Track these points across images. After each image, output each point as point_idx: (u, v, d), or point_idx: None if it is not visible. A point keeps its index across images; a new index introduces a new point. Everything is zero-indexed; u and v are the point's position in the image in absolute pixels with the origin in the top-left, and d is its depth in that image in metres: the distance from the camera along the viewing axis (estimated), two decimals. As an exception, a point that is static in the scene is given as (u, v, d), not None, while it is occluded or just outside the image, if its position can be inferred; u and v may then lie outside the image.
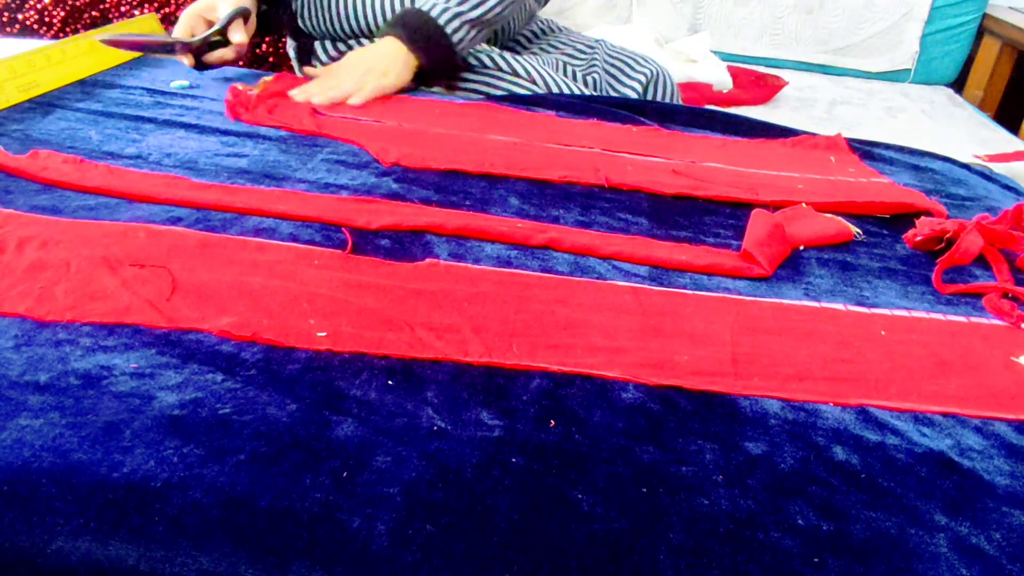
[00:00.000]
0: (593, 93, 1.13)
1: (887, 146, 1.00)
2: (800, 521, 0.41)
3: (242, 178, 0.72)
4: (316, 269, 0.58)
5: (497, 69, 1.06)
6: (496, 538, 0.38)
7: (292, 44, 1.25)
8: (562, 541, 0.39)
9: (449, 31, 0.97)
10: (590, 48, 1.21)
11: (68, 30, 1.44)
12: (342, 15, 1.11)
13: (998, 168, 1.03)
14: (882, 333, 0.58)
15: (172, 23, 1.47)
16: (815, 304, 0.61)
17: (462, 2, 0.98)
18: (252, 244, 0.61)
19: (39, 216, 0.61)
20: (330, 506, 0.39)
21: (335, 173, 0.75)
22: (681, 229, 0.72)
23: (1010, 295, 0.65)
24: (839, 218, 0.75)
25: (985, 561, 0.40)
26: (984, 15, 1.96)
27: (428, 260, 0.61)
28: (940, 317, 0.62)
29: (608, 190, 0.78)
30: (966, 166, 0.97)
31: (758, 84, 1.81)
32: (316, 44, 1.18)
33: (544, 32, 1.25)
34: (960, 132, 1.70)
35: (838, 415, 0.50)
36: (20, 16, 1.40)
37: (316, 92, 0.92)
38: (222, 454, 0.41)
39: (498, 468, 0.42)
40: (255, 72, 1.05)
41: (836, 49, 2.01)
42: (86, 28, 1.45)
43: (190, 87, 0.94)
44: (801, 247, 0.71)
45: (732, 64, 1.88)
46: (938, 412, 0.51)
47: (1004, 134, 1.71)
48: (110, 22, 1.46)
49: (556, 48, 1.21)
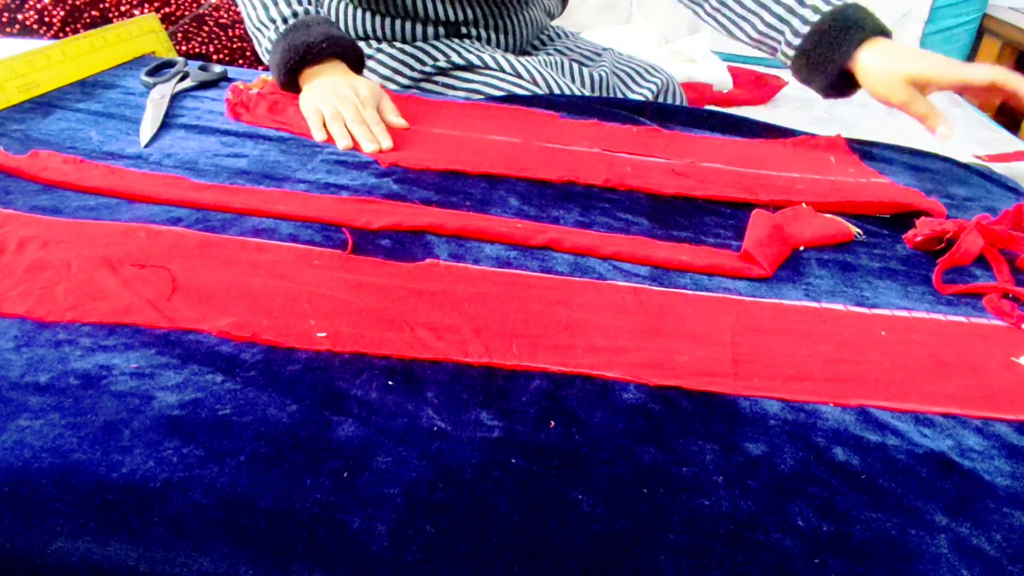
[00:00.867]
0: (598, 92, 1.13)
1: (887, 146, 1.00)
2: (800, 522, 0.41)
3: (242, 178, 0.72)
4: (316, 269, 0.58)
5: (499, 70, 1.06)
6: (496, 538, 0.38)
7: None
8: (562, 541, 0.38)
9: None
10: (598, 55, 1.21)
11: (68, 30, 1.44)
12: (349, 24, 1.11)
13: (998, 168, 1.03)
14: (882, 333, 0.58)
15: (172, 23, 1.47)
16: (815, 304, 0.61)
17: None
18: (252, 244, 0.61)
19: (39, 216, 0.61)
20: (330, 506, 0.39)
21: (335, 173, 0.75)
22: (681, 229, 0.72)
23: (1010, 295, 0.65)
24: (839, 218, 0.75)
25: (986, 562, 0.40)
26: (984, 15, 1.96)
27: (428, 260, 0.61)
28: (940, 317, 0.62)
29: (608, 190, 0.78)
30: (966, 166, 0.97)
31: (758, 84, 1.81)
32: None
33: (551, 38, 1.25)
34: (960, 132, 1.70)
35: (838, 416, 0.50)
36: (20, 16, 1.40)
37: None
38: (222, 455, 0.41)
39: (498, 468, 0.42)
40: (255, 72, 1.05)
41: (836, 49, 2.01)
42: (86, 28, 1.45)
43: (189, 87, 0.94)
44: (801, 247, 0.71)
45: (732, 64, 1.88)
46: (938, 413, 0.51)
47: (1004, 134, 1.71)
48: (110, 22, 1.46)
49: (564, 54, 1.21)
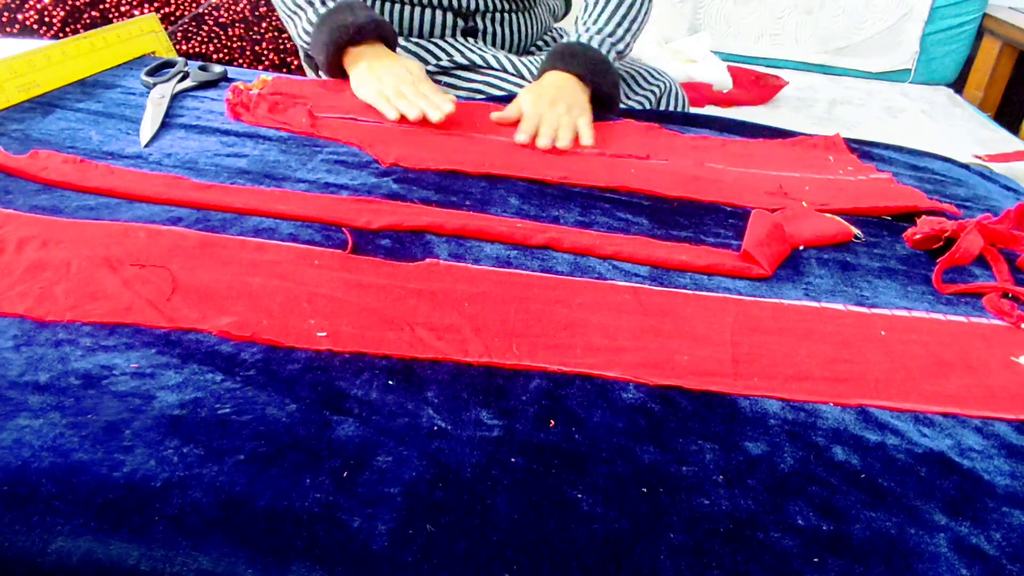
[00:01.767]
0: None
1: (887, 146, 1.00)
2: (800, 521, 0.41)
3: (242, 178, 0.72)
4: (316, 269, 0.58)
5: (500, 70, 1.06)
6: (496, 538, 0.38)
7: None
8: (562, 541, 0.39)
9: (611, 60, 0.99)
10: None
11: (68, 30, 1.44)
12: None
13: (998, 168, 1.03)
14: (882, 333, 0.58)
15: (172, 23, 1.47)
16: (815, 304, 0.61)
17: (612, 33, 1.00)
18: (252, 244, 0.61)
19: (39, 216, 0.61)
20: (330, 506, 0.39)
21: (335, 173, 0.75)
22: (681, 229, 0.72)
23: (1010, 295, 0.65)
24: (839, 218, 0.75)
25: (985, 561, 0.40)
26: (984, 15, 1.96)
27: (428, 260, 0.61)
28: (940, 317, 0.62)
29: (608, 190, 0.78)
30: (966, 166, 0.97)
31: (758, 84, 1.81)
32: None
33: (555, 39, 1.25)
34: (960, 132, 1.70)
35: (838, 415, 0.50)
36: (20, 16, 1.40)
37: (543, 140, 0.87)
38: (222, 454, 0.41)
39: (498, 468, 0.42)
40: (255, 72, 1.05)
41: (836, 49, 2.02)
42: (86, 28, 1.45)
43: (190, 87, 0.94)
44: (801, 247, 0.71)
45: (732, 64, 1.88)
46: (938, 412, 0.51)
47: (1004, 134, 1.71)
48: (110, 22, 1.46)
49: None
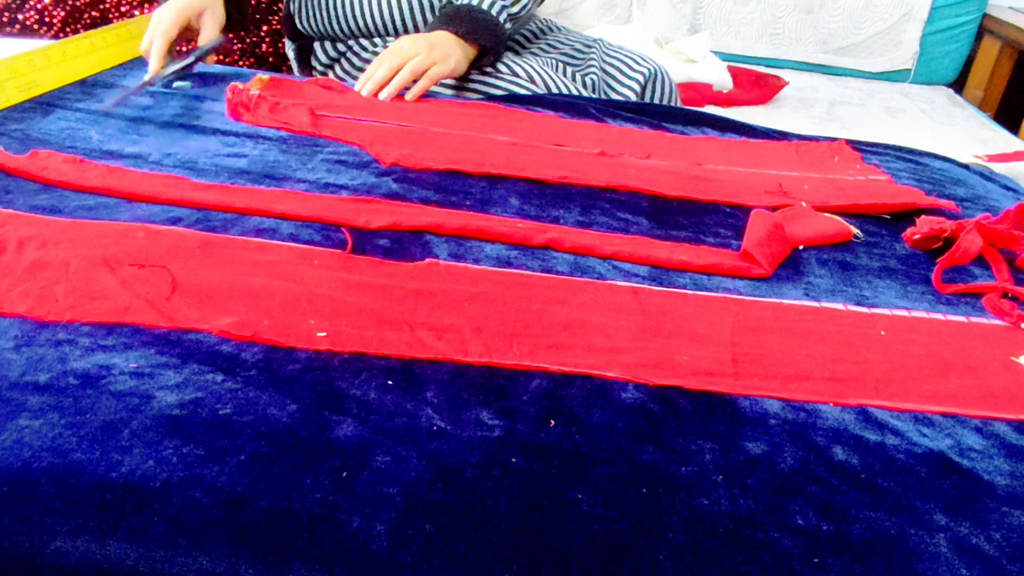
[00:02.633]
0: (591, 95, 1.13)
1: (887, 146, 1.00)
2: (800, 521, 0.41)
3: (242, 178, 0.72)
4: (316, 269, 0.58)
5: (497, 70, 1.06)
6: (496, 538, 0.38)
7: (291, 45, 1.25)
8: (562, 541, 0.38)
9: (500, 21, 1.01)
10: (587, 47, 1.20)
11: (68, 30, 1.44)
12: (340, 15, 1.11)
13: (998, 168, 1.03)
14: (882, 333, 0.58)
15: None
16: (815, 304, 0.61)
17: None
18: (252, 244, 0.61)
19: (39, 216, 0.61)
20: (330, 506, 0.39)
21: (335, 173, 0.75)
22: (681, 229, 0.72)
23: (1010, 295, 0.65)
24: (838, 218, 0.75)
25: (985, 561, 0.40)
26: (984, 15, 1.96)
27: (428, 260, 0.61)
28: (940, 317, 0.62)
29: (608, 190, 0.78)
30: (966, 166, 0.97)
31: (758, 84, 1.81)
32: (315, 45, 1.18)
33: (543, 31, 1.25)
34: (960, 132, 1.70)
35: (838, 415, 0.50)
36: (20, 16, 1.40)
37: (381, 75, 0.93)
38: (222, 454, 0.41)
39: (498, 468, 0.42)
40: (255, 72, 1.05)
41: (836, 49, 2.01)
42: (86, 28, 1.45)
43: (191, 88, 0.94)
44: (801, 247, 0.71)
45: (732, 64, 1.88)
46: (938, 412, 0.51)
47: (1004, 134, 1.71)
48: (110, 22, 1.46)
49: (554, 48, 1.21)
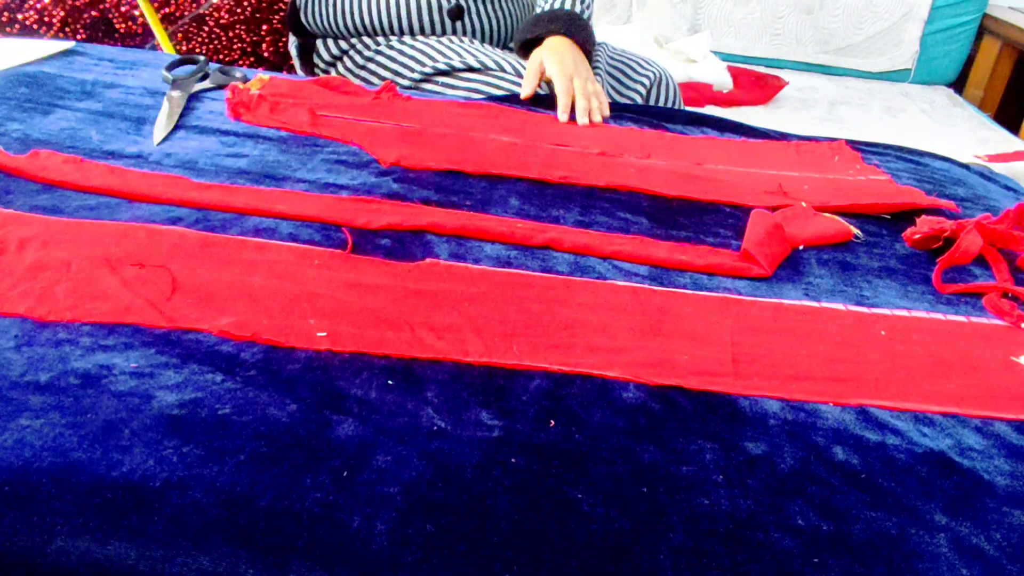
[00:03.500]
0: None
1: (887, 146, 1.00)
2: (800, 521, 0.41)
3: (242, 178, 0.72)
4: (316, 269, 0.58)
5: (499, 69, 1.06)
6: (496, 538, 0.38)
7: (294, 42, 1.25)
8: (562, 541, 0.38)
9: (588, 21, 1.04)
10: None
11: (68, 30, 1.44)
12: (347, 11, 1.11)
13: (998, 168, 1.03)
14: (882, 333, 0.58)
15: (172, 23, 1.47)
16: (815, 304, 0.61)
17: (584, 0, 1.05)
18: (252, 244, 0.61)
19: (39, 216, 0.61)
20: (330, 506, 0.39)
21: (335, 173, 0.75)
22: (681, 229, 0.72)
23: (1010, 295, 0.65)
24: (838, 218, 0.75)
25: (985, 561, 0.40)
26: (984, 15, 1.96)
27: (428, 260, 0.61)
28: (940, 317, 0.61)
29: (608, 190, 0.78)
30: (966, 166, 0.97)
31: (758, 84, 1.81)
32: (318, 42, 1.18)
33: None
34: (960, 132, 1.70)
35: (838, 415, 0.50)
36: (20, 16, 1.40)
37: (582, 105, 0.94)
38: (222, 454, 0.41)
39: (498, 468, 0.42)
40: (255, 71, 1.05)
41: (836, 49, 2.02)
42: (86, 28, 1.45)
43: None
44: (801, 247, 0.71)
45: (732, 64, 1.88)
46: (938, 412, 0.51)
47: (1004, 134, 1.71)
48: (110, 22, 1.46)
49: None
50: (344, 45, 1.16)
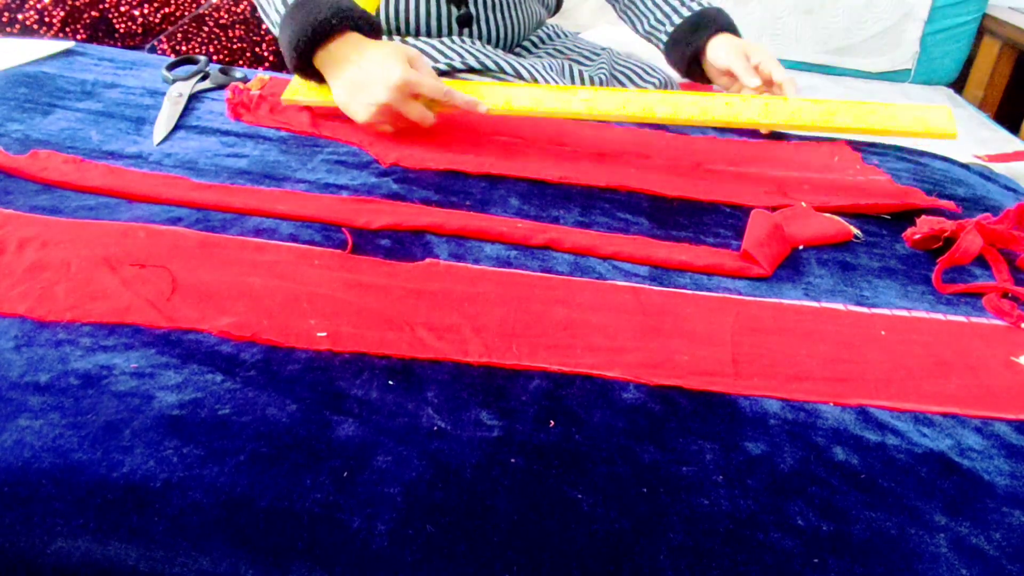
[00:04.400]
0: None
1: (887, 146, 1.00)
2: (800, 521, 0.41)
3: (242, 178, 0.72)
4: (316, 269, 0.58)
5: (499, 71, 1.06)
6: (496, 538, 0.38)
7: None
8: (562, 541, 0.39)
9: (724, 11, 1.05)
10: (596, 55, 1.21)
11: (68, 30, 1.44)
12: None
13: (998, 168, 1.03)
14: (882, 333, 0.58)
15: (172, 23, 1.47)
16: (815, 304, 0.61)
17: None
18: (252, 244, 0.61)
19: (39, 216, 0.61)
20: (330, 506, 0.39)
21: (335, 173, 0.75)
22: (681, 229, 0.72)
23: (1010, 295, 0.65)
24: (838, 218, 0.75)
25: (985, 561, 0.40)
26: (984, 15, 1.96)
27: (428, 260, 0.61)
28: (940, 317, 0.61)
29: (608, 190, 0.78)
30: (966, 166, 0.97)
31: (758, 84, 1.81)
32: None
33: (551, 37, 1.25)
34: (960, 132, 1.69)
35: (838, 415, 0.50)
36: (20, 16, 1.40)
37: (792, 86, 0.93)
38: (222, 454, 0.41)
39: (498, 468, 0.42)
40: (255, 71, 1.05)
41: (836, 49, 2.01)
42: (86, 28, 1.45)
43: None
44: (801, 247, 0.71)
45: (732, 64, 1.87)
46: (938, 412, 0.51)
47: (1004, 134, 1.71)
48: (110, 22, 1.46)
49: (563, 53, 1.21)
50: None
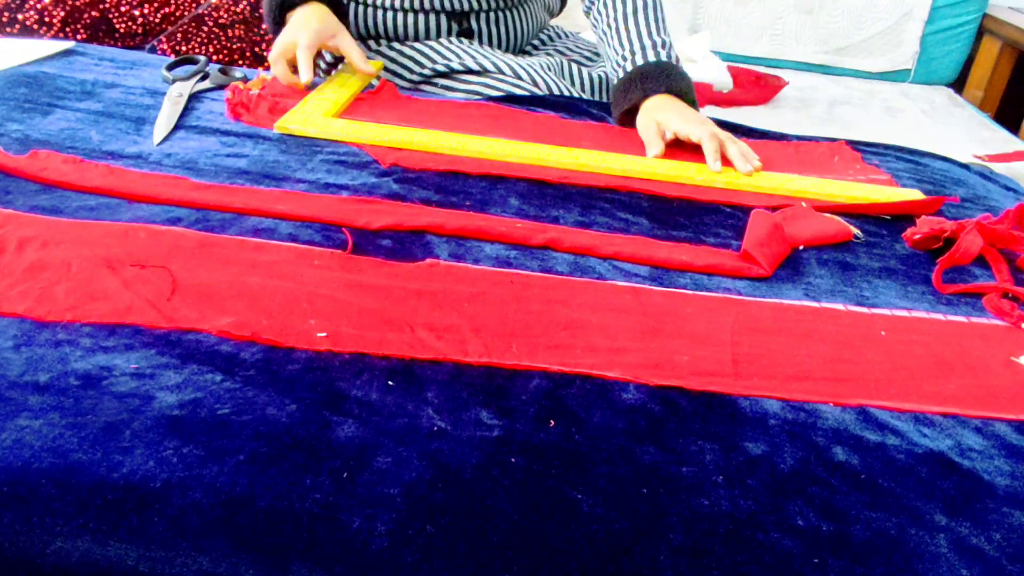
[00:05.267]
0: (598, 94, 1.13)
1: (887, 146, 1.00)
2: (800, 521, 0.41)
3: (242, 178, 0.72)
4: (316, 269, 0.58)
5: (498, 72, 1.06)
6: (496, 538, 0.38)
7: None
8: (562, 541, 0.39)
9: (677, 64, 0.94)
10: (597, 55, 1.21)
11: (68, 30, 1.44)
12: (356, 23, 1.11)
13: (998, 168, 1.03)
14: (882, 333, 0.58)
15: (172, 23, 1.47)
16: (815, 304, 0.61)
17: (658, 39, 0.95)
18: (252, 244, 0.61)
19: (39, 216, 0.61)
20: (330, 506, 0.39)
21: (335, 173, 0.75)
22: (681, 229, 0.72)
23: (1010, 295, 0.65)
24: (838, 218, 0.75)
25: (985, 561, 0.40)
26: (984, 15, 1.96)
27: (428, 260, 0.61)
28: (940, 317, 0.61)
29: (608, 190, 0.78)
30: (966, 166, 0.97)
31: (758, 84, 1.81)
32: None
33: (551, 38, 1.25)
34: (960, 132, 1.70)
35: (838, 415, 0.50)
36: (20, 16, 1.40)
37: (742, 165, 0.83)
38: (222, 454, 0.41)
39: (498, 468, 0.42)
40: (255, 71, 1.05)
41: (836, 49, 2.01)
42: (86, 28, 1.45)
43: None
44: (801, 247, 0.71)
45: (732, 64, 1.88)
46: (938, 412, 0.51)
47: (1004, 134, 1.71)
48: (110, 22, 1.46)
49: (563, 54, 1.21)
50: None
